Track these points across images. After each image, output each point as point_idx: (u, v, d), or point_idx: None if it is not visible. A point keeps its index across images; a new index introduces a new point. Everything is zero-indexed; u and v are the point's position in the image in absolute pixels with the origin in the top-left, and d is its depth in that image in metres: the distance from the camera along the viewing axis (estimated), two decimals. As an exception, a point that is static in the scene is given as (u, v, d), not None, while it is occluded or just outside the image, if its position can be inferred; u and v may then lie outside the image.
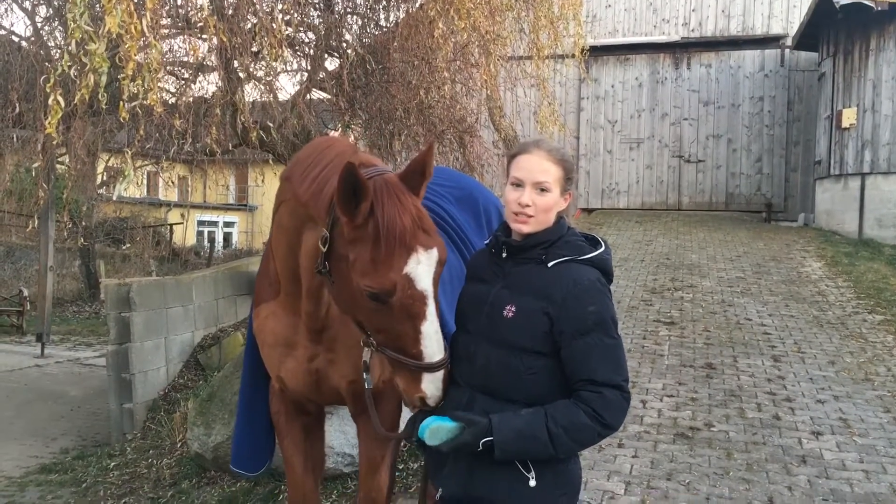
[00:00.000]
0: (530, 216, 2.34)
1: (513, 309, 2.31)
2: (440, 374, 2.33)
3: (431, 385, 2.33)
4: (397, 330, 2.32)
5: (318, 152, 2.74)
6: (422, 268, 2.31)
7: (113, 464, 6.62)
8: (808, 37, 16.12)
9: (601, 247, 2.41)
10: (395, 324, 2.32)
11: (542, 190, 2.35)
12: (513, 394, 2.28)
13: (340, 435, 5.08)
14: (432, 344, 2.32)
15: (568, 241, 2.38)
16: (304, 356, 2.95)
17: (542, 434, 2.19)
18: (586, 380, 2.23)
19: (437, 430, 2.27)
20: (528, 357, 2.28)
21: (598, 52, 17.57)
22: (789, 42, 17.50)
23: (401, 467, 5.09)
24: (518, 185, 2.37)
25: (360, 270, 2.30)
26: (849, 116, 14.97)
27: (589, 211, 18.97)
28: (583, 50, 12.19)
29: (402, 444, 3.15)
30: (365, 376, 2.58)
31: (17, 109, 8.39)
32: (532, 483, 2.27)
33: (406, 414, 2.79)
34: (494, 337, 2.33)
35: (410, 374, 2.34)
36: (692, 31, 18.62)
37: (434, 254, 2.35)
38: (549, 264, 2.33)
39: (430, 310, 2.32)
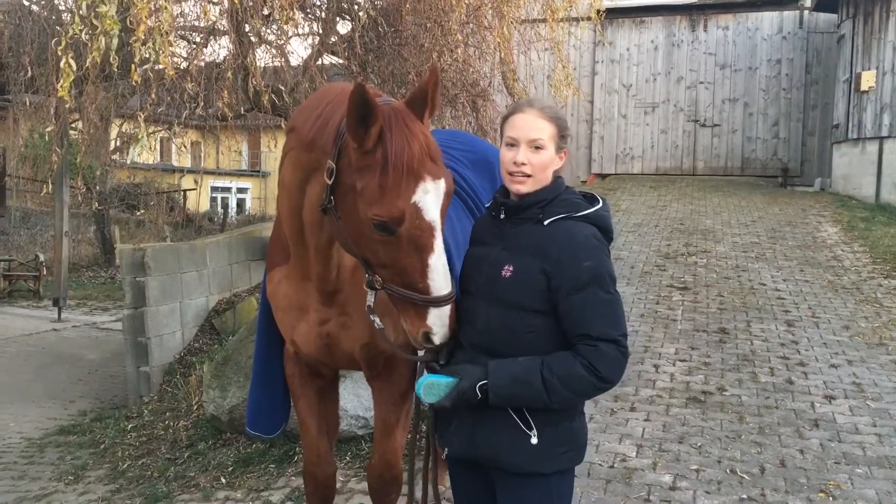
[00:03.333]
0: (527, 175, 2.34)
1: (510, 269, 2.32)
2: (447, 309, 2.29)
3: (437, 320, 2.29)
4: (404, 263, 2.29)
5: (321, 95, 2.71)
6: (430, 197, 2.28)
7: (130, 426, 6.72)
8: (828, -2, 15.84)
9: (599, 203, 2.41)
10: (403, 257, 2.28)
11: (537, 148, 2.34)
12: (513, 353, 2.29)
13: (354, 398, 5.12)
14: (440, 277, 2.28)
15: (564, 199, 2.38)
16: (315, 320, 2.94)
17: (536, 380, 2.20)
18: (582, 334, 2.23)
19: (431, 385, 2.29)
20: (526, 316, 2.29)
21: (614, 14, 17.33)
22: (808, 3, 17.18)
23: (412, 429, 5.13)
24: (512, 144, 2.36)
25: (367, 199, 2.26)
26: (868, 79, 14.74)
27: (603, 176, 18.86)
28: (598, 12, 12.01)
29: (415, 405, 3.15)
30: (373, 318, 2.51)
31: (30, 73, 8.39)
32: (534, 440, 2.28)
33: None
34: (493, 297, 2.34)
35: (416, 310, 2.30)
36: (709, -8, 18.30)
37: (442, 184, 2.32)
38: (546, 222, 2.33)
39: (438, 242, 2.29)
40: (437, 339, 2.30)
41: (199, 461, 5.50)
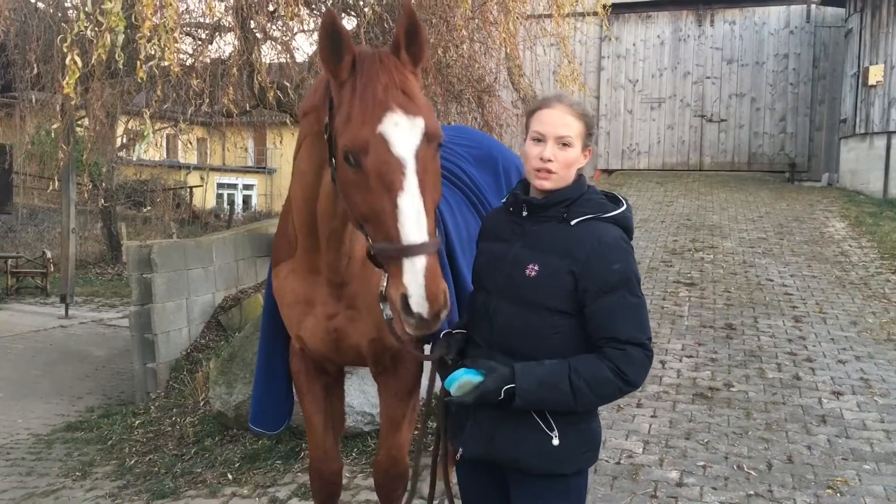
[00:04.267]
0: (552, 172, 2.29)
1: (535, 268, 2.28)
2: (420, 262, 2.10)
3: (412, 279, 2.09)
4: (376, 207, 2.18)
5: (321, 75, 2.71)
6: (400, 131, 2.19)
7: (137, 422, 6.73)
8: (836, -8, 15.76)
9: (623, 205, 2.38)
10: (374, 199, 2.18)
11: (565, 145, 2.30)
12: (534, 353, 2.25)
13: (360, 394, 5.13)
14: (411, 222, 2.13)
15: (590, 198, 2.35)
16: (323, 314, 2.91)
17: (564, 384, 2.18)
18: (610, 337, 2.21)
19: (465, 384, 2.23)
20: (551, 316, 2.26)
21: (620, 9, 17.27)
22: (816, -3, 17.11)
23: (419, 426, 5.13)
24: (539, 139, 2.31)
25: (339, 131, 2.21)
26: (875, 73, 14.66)
27: (609, 172, 18.81)
28: (604, 7, 11.96)
29: (422, 402, 3.13)
30: (382, 307, 2.37)
31: (36, 71, 8.40)
32: (555, 441, 2.26)
33: (425, 382, 2.77)
34: (516, 296, 2.30)
35: (395, 267, 2.13)
36: (716, -14, 18.22)
37: (419, 122, 2.22)
38: (572, 222, 2.29)
39: (410, 182, 2.16)
40: (415, 304, 2.09)
41: (205, 457, 5.50)
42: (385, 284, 2.25)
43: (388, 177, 2.16)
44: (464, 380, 2.23)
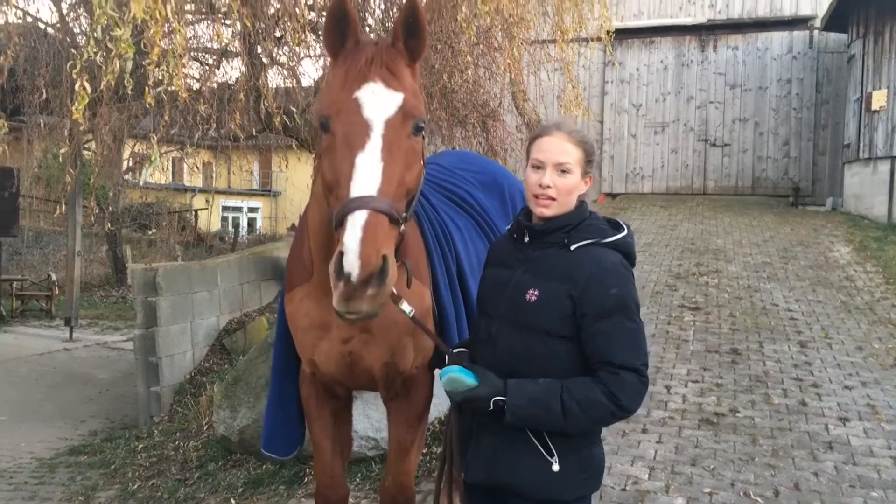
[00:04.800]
0: (552, 198, 2.33)
1: (536, 293, 2.31)
2: (362, 217, 2.04)
3: (350, 234, 2.02)
4: (337, 171, 2.17)
5: None
6: (376, 99, 2.21)
7: (141, 446, 6.72)
8: (838, 18, 15.84)
9: (623, 230, 2.40)
10: (337, 162, 2.18)
11: (564, 171, 2.33)
12: (535, 376, 2.27)
13: (364, 419, 5.11)
14: (360, 176, 2.11)
15: (590, 224, 2.37)
16: (338, 338, 2.89)
17: (555, 404, 2.19)
18: (605, 361, 2.22)
19: (455, 380, 2.26)
20: (551, 340, 2.28)
21: (623, 34, 17.38)
22: (818, 23, 17.20)
23: (424, 451, 5.11)
24: (539, 166, 2.35)
25: (319, 103, 2.24)
26: (879, 99, 14.71)
27: (613, 196, 18.85)
28: (608, 33, 12.05)
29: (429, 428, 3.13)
30: (402, 306, 2.35)
31: (45, 96, 8.49)
32: (555, 467, 2.27)
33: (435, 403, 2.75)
34: (517, 321, 2.33)
35: (341, 229, 2.07)
36: (719, 12, 18.35)
37: (397, 96, 2.25)
38: (572, 247, 2.32)
39: (372, 145, 2.16)
40: (348, 262, 2.00)
41: (209, 482, 5.48)
42: (394, 290, 2.22)
43: (351, 137, 2.17)
44: (457, 376, 2.26)
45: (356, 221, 2.04)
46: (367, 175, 2.11)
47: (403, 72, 2.32)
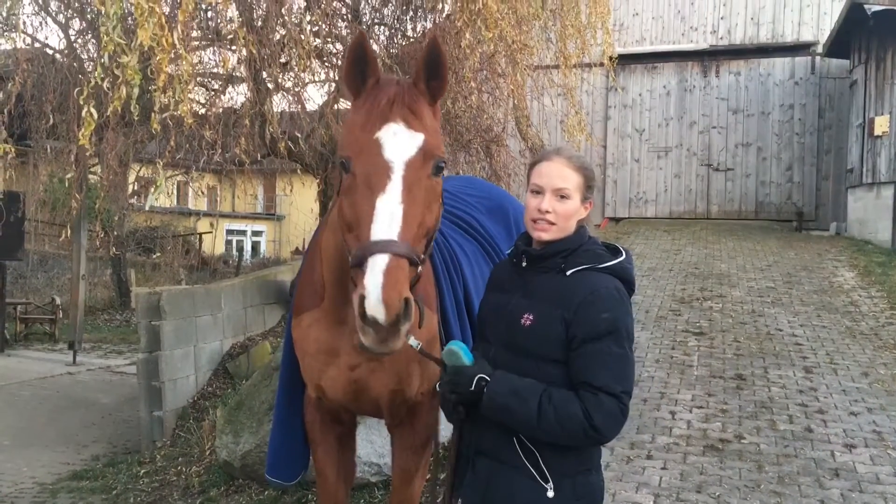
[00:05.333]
0: (551, 223, 2.34)
1: (530, 317, 2.31)
2: (383, 262, 2.06)
3: (371, 278, 2.03)
4: (358, 212, 2.19)
5: None
6: (397, 140, 2.23)
7: (143, 471, 6.69)
8: (839, 44, 15.95)
9: (621, 255, 2.40)
10: (358, 202, 2.19)
11: (563, 197, 2.35)
12: None
13: (367, 444, 5.09)
14: (383, 220, 2.13)
15: (588, 249, 2.38)
16: (346, 364, 2.91)
17: (533, 402, 2.18)
18: (585, 382, 2.21)
19: (454, 353, 2.28)
20: (544, 365, 2.27)
21: (626, 60, 17.50)
22: (820, 49, 17.32)
23: (427, 477, 5.09)
24: (538, 191, 2.37)
25: (339, 143, 2.25)
26: (881, 124, 14.76)
27: (616, 220, 18.87)
28: (611, 58, 12.15)
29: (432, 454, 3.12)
30: (410, 341, 2.30)
31: (52, 121, 8.56)
32: (550, 493, 2.25)
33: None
34: (512, 345, 2.33)
35: (360, 271, 2.08)
36: (721, 38, 18.48)
37: (418, 136, 2.26)
38: (568, 272, 2.32)
39: (393, 186, 2.18)
40: (371, 307, 2.02)
41: (211, 508, 5.45)
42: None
43: (372, 178, 2.18)
44: (457, 350, 2.28)
45: (377, 266, 2.06)
46: (388, 218, 2.13)
47: (425, 111, 2.34)
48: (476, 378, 2.22)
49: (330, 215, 2.80)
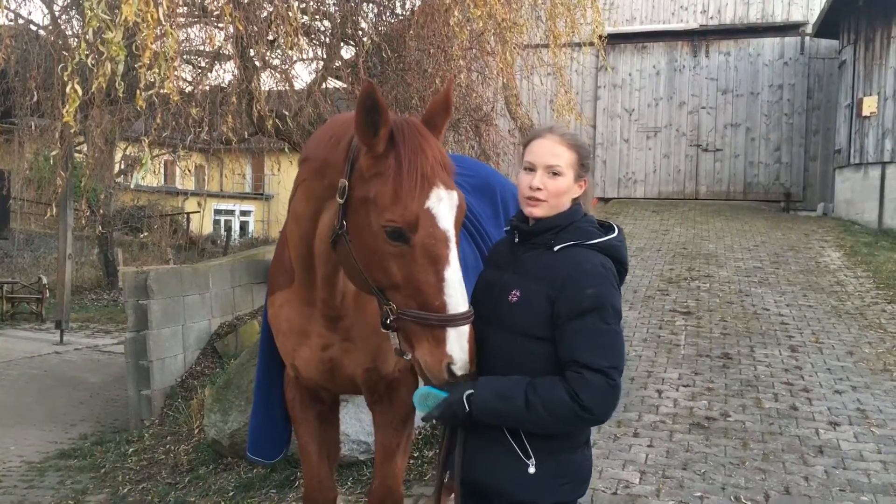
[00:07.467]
0: (541, 200, 2.33)
1: (517, 294, 2.31)
2: (465, 329, 2.18)
3: (457, 345, 2.16)
4: (418, 279, 2.20)
5: (332, 121, 2.73)
6: (444, 205, 2.24)
7: (131, 450, 6.69)
8: (829, 24, 15.94)
9: (613, 232, 2.39)
10: (417, 271, 2.20)
11: (555, 174, 2.34)
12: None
13: (356, 423, 5.10)
14: (456, 293, 2.18)
15: (578, 226, 2.36)
16: (318, 345, 2.93)
17: (519, 398, 2.18)
18: (571, 360, 2.20)
19: (427, 396, 2.26)
20: (529, 342, 2.27)
21: (616, 39, 17.45)
22: (809, 29, 17.31)
23: (415, 455, 5.11)
24: (530, 169, 2.36)
25: (381, 206, 2.20)
26: (869, 105, 14.80)
27: (605, 200, 18.89)
28: (600, 37, 12.10)
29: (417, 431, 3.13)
30: (406, 356, 2.35)
31: (36, 98, 8.46)
32: (531, 469, 2.25)
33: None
34: (499, 322, 2.32)
35: (433, 335, 2.17)
36: (711, 18, 18.45)
37: (455, 196, 2.29)
38: (555, 248, 2.31)
39: (454, 254, 2.22)
40: (458, 368, 2.17)
41: (199, 486, 5.46)
42: (398, 342, 2.29)
43: (434, 250, 2.20)
44: (425, 392, 2.27)
45: (462, 336, 2.18)
46: (459, 290, 2.20)
47: (450, 163, 2.36)
48: (465, 398, 2.21)
49: (291, 206, 2.79)
